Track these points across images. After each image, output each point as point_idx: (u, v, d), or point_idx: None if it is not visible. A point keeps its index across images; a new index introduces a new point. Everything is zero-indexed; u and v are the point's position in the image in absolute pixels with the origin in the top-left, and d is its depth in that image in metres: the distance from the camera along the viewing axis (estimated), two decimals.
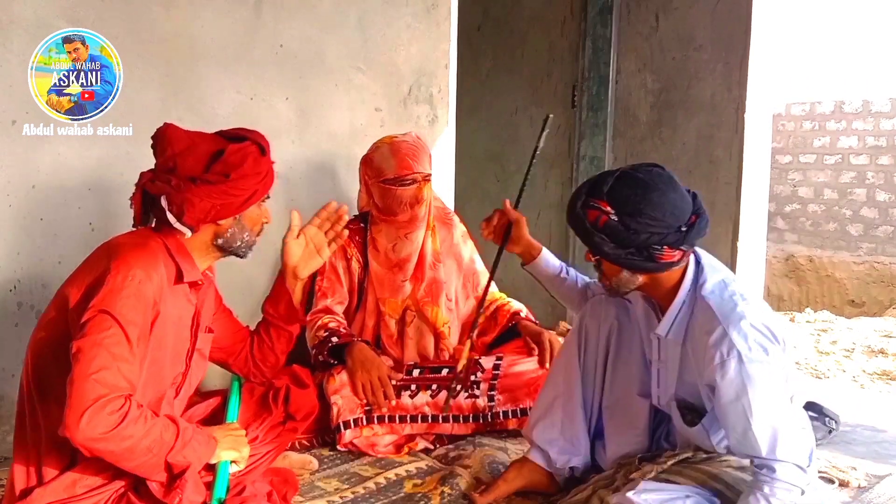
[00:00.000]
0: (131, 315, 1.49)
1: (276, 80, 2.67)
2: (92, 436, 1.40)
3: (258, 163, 1.67)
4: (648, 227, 1.60)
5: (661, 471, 1.71)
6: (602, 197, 1.64)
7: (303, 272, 1.94)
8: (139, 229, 1.67)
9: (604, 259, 1.69)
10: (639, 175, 1.64)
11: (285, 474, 1.93)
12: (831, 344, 4.39)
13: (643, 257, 1.63)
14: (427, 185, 2.48)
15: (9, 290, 2.19)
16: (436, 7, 3.13)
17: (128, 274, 1.51)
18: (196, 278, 1.68)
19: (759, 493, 1.55)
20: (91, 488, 1.54)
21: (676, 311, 1.71)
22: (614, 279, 1.71)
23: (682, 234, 1.63)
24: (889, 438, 2.63)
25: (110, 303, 1.48)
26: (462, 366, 2.24)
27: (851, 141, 7.94)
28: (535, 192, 4.25)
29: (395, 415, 2.34)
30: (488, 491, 1.99)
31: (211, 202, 1.60)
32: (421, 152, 2.46)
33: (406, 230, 2.50)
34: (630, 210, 1.61)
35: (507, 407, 2.40)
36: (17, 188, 2.16)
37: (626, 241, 1.62)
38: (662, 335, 1.75)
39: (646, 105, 3.77)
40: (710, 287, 1.67)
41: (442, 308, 2.52)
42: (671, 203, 1.62)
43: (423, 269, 2.51)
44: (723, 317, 1.60)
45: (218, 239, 1.69)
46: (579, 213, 1.66)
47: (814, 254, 8.00)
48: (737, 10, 3.44)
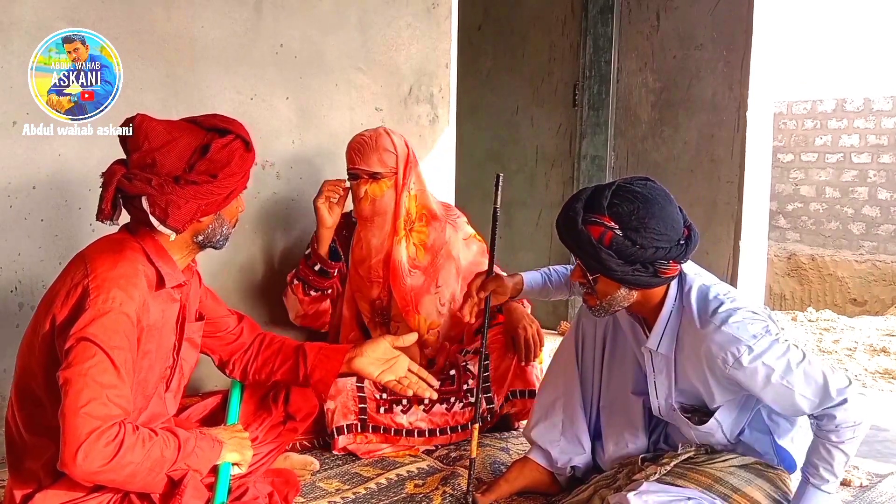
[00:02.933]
0: (115, 339, 1.45)
1: (276, 80, 2.67)
2: (91, 469, 1.38)
3: (245, 160, 1.59)
4: (654, 241, 1.57)
5: (665, 472, 1.70)
6: (603, 212, 1.58)
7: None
8: (114, 234, 1.62)
9: (605, 277, 1.63)
10: (636, 188, 1.60)
11: (286, 475, 1.92)
12: (833, 343, 4.39)
13: (649, 273, 1.60)
14: (375, 185, 2.39)
15: (10, 290, 2.19)
16: (436, 6, 3.12)
17: (108, 297, 1.46)
18: (178, 281, 1.62)
19: (828, 444, 1.58)
20: (93, 489, 1.54)
21: (665, 323, 1.70)
22: (607, 299, 1.67)
23: (682, 248, 1.61)
24: (891, 437, 2.62)
25: (92, 329, 1.43)
26: (475, 452, 2.01)
27: (853, 139, 7.93)
28: (536, 191, 4.25)
29: (391, 427, 2.32)
30: (490, 490, 1.99)
31: (197, 203, 1.53)
32: (368, 148, 2.37)
33: (362, 229, 2.47)
34: (635, 225, 1.56)
35: (508, 409, 2.39)
36: (18, 188, 2.16)
37: (633, 256, 1.57)
38: (654, 348, 1.73)
39: (647, 104, 3.77)
40: (694, 294, 1.67)
41: (424, 315, 2.47)
42: (670, 216, 1.60)
43: (399, 278, 2.44)
44: (715, 320, 1.60)
45: (198, 236, 1.63)
46: (582, 230, 1.59)
47: (816, 252, 7.99)
48: (738, 8, 3.44)
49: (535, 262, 4.23)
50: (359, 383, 2.31)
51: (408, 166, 2.43)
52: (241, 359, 1.89)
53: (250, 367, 1.89)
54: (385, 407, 2.32)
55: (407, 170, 2.42)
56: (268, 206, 2.70)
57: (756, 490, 1.64)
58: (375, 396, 2.32)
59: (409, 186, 2.44)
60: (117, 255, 1.54)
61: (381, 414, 2.31)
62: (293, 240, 2.82)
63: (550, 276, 2.11)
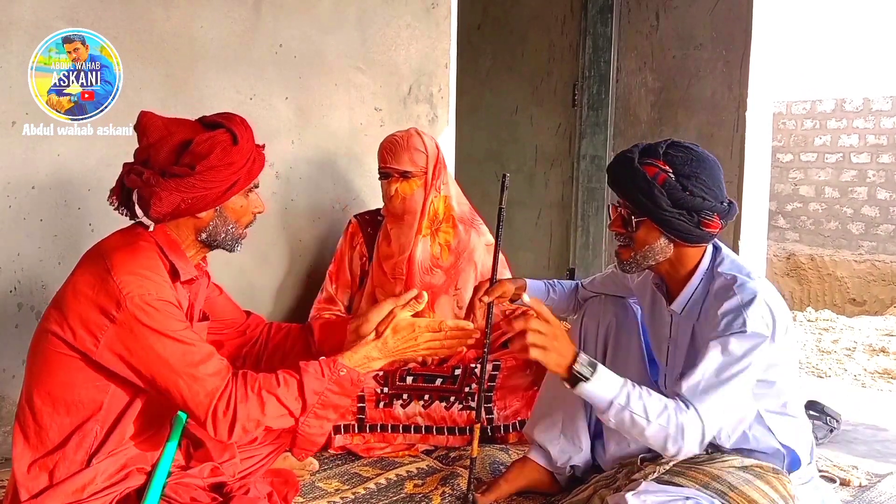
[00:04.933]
0: (171, 324, 1.48)
1: (275, 79, 2.67)
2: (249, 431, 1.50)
3: (227, 153, 1.55)
4: (703, 191, 1.64)
5: (664, 472, 1.70)
6: (658, 157, 1.66)
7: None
8: (126, 229, 1.62)
9: (651, 220, 1.67)
10: (689, 145, 1.70)
11: (286, 475, 1.92)
12: (832, 343, 4.40)
13: (693, 222, 1.65)
14: (405, 183, 2.46)
15: (9, 290, 2.19)
16: (435, 6, 3.12)
17: (144, 291, 1.48)
18: (191, 275, 1.62)
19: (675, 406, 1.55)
20: (97, 491, 1.53)
21: (694, 288, 1.74)
22: (644, 249, 1.70)
23: (726, 208, 1.68)
24: (890, 437, 2.62)
25: (145, 327, 1.46)
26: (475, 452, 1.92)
27: (852, 139, 7.94)
28: (535, 191, 4.25)
29: (388, 424, 2.32)
30: (490, 490, 1.99)
31: (180, 196, 1.52)
32: (400, 148, 2.45)
33: (391, 226, 2.52)
34: (687, 172, 1.64)
35: (507, 421, 2.34)
36: (17, 188, 2.16)
37: (682, 201, 1.63)
38: (678, 311, 1.76)
39: (646, 104, 3.77)
40: (727, 267, 1.71)
41: (439, 315, 2.47)
42: (718, 177, 1.68)
43: (415, 274, 2.48)
44: (738, 289, 1.64)
45: (201, 233, 1.62)
46: (638, 168, 1.65)
47: (815, 252, 8.00)
48: (737, 8, 3.44)
49: (535, 262, 4.24)
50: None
51: (437, 167, 2.50)
52: (251, 351, 1.90)
53: (262, 356, 1.90)
54: (385, 402, 2.32)
55: (436, 170, 2.49)
56: (267, 206, 2.70)
57: (753, 490, 1.64)
58: (376, 392, 2.33)
59: (438, 187, 2.50)
60: (134, 248, 1.55)
61: (380, 409, 2.31)
62: (292, 239, 2.82)
63: (554, 286, 2.16)
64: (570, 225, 4.08)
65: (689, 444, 1.53)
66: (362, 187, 2.98)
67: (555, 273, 4.16)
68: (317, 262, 2.88)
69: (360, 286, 2.61)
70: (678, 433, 1.53)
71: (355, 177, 2.97)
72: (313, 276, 2.85)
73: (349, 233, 2.63)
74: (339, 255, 2.62)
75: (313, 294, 2.68)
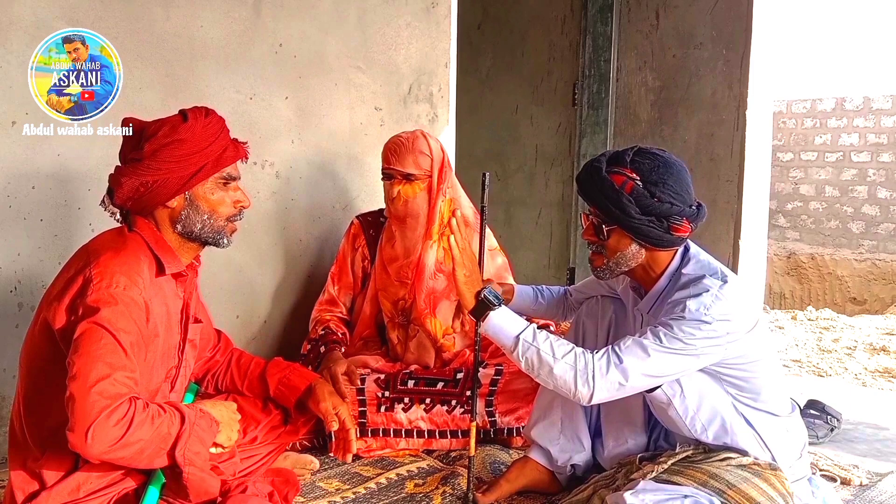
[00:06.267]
0: (122, 322, 1.46)
1: (275, 79, 2.67)
2: (102, 449, 1.38)
3: (175, 130, 1.57)
4: (670, 197, 1.67)
5: (662, 471, 1.71)
6: (625, 165, 1.70)
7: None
8: (115, 227, 1.65)
9: (621, 228, 1.70)
10: (655, 151, 1.72)
11: (286, 474, 1.92)
12: (833, 342, 4.40)
13: (663, 228, 1.68)
14: (408, 186, 2.41)
15: (9, 290, 2.19)
16: (435, 5, 3.12)
17: (112, 281, 1.48)
18: (179, 269, 1.63)
19: (584, 350, 1.64)
20: (93, 491, 1.54)
21: (661, 289, 1.77)
22: (616, 256, 1.73)
23: (695, 212, 1.71)
24: (891, 436, 2.62)
25: (98, 314, 1.44)
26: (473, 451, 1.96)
27: (852, 138, 7.94)
28: (535, 190, 4.25)
29: (390, 428, 2.31)
30: (490, 490, 1.99)
31: (138, 179, 1.55)
32: (404, 149, 2.41)
33: (395, 228, 2.49)
34: (654, 179, 1.67)
35: (511, 424, 2.32)
36: (17, 188, 2.16)
37: (650, 208, 1.66)
38: (645, 311, 1.80)
39: (646, 103, 3.77)
40: (692, 267, 1.74)
41: (440, 319, 2.48)
42: (685, 181, 1.71)
43: (423, 280, 2.46)
44: (693, 284, 1.67)
45: (176, 225, 1.62)
46: (605, 177, 1.69)
47: (815, 251, 8.00)
48: (737, 7, 3.44)
49: (535, 262, 4.24)
50: (359, 387, 2.31)
51: (443, 170, 2.45)
52: (212, 375, 1.93)
53: (221, 382, 1.93)
54: (386, 405, 2.31)
55: (442, 174, 2.45)
56: (267, 206, 2.70)
57: (752, 488, 1.64)
58: (377, 395, 2.32)
59: (444, 191, 2.46)
60: (119, 244, 1.57)
61: (382, 413, 2.31)
62: (292, 239, 2.82)
63: (542, 292, 2.19)
64: (571, 224, 4.08)
65: (600, 387, 1.60)
66: (362, 187, 2.98)
67: (555, 272, 4.17)
68: (317, 262, 2.88)
69: (362, 288, 2.60)
70: (588, 373, 1.60)
71: (355, 176, 2.97)
72: (313, 276, 2.85)
73: (351, 234, 2.61)
74: (341, 257, 2.60)
75: (313, 294, 2.68)
